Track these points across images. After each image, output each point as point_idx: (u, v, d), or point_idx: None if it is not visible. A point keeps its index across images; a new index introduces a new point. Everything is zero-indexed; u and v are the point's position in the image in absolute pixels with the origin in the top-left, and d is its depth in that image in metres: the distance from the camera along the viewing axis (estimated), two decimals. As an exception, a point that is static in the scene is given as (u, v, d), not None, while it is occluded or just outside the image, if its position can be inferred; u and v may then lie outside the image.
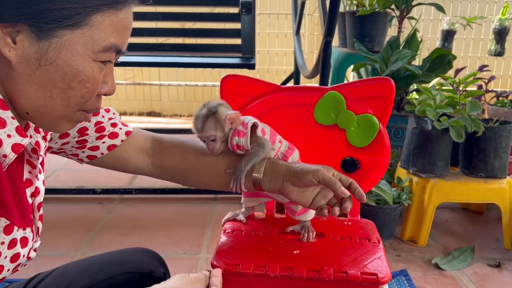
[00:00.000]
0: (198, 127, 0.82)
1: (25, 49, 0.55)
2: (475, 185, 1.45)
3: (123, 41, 0.61)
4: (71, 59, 0.57)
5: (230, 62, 1.82)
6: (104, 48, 0.59)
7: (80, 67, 0.58)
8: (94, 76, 0.60)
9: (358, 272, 0.83)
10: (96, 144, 0.84)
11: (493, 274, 1.34)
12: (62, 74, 0.57)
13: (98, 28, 0.57)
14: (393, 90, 1.00)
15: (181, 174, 0.90)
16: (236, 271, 0.84)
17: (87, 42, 0.57)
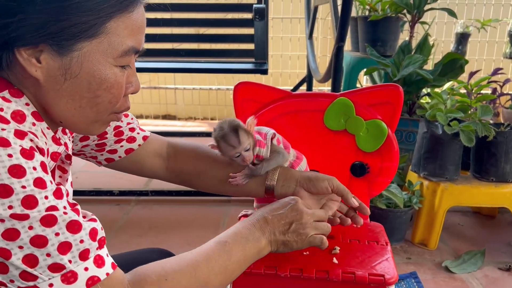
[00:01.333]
0: (235, 143, 0.83)
1: (49, 66, 0.57)
2: (485, 189, 1.46)
3: (139, 40, 0.63)
4: (93, 69, 0.59)
5: (244, 68, 1.86)
6: (123, 53, 0.60)
7: (102, 75, 0.60)
8: (118, 81, 0.62)
9: (365, 273, 0.86)
10: (115, 148, 0.88)
11: (504, 277, 1.35)
12: (87, 85, 0.60)
13: (114, 34, 0.59)
14: (401, 96, 1.02)
15: (194, 178, 0.94)
16: (247, 271, 0.88)
17: (105, 49, 0.59)
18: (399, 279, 1.32)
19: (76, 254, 0.55)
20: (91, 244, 0.57)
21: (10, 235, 0.51)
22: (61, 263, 0.54)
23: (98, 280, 0.57)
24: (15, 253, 0.52)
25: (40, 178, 0.53)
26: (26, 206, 0.52)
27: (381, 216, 1.50)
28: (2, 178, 0.50)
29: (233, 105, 1.10)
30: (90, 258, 0.57)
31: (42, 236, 0.52)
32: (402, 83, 1.83)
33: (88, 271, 0.56)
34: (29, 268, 0.53)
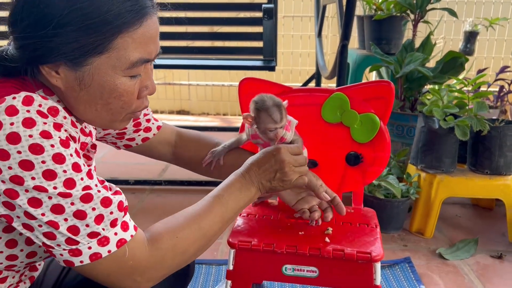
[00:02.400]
0: (277, 118, 0.92)
1: (67, 77, 0.67)
2: (480, 181, 1.53)
3: (149, 50, 0.69)
4: (103, 80, 0.67)
5: (253, 65, 1.95)
6: (131, 65, 0.67)
7: (112, 86, 0.68)
8: (127, 90, 0.69)
9: (354, 251, 0.95)
10: (133, 136, 1.01)
11: (495, 264, 1.43)
12: (99, 94, 0.68)
13: (122, 49, 0.66)
14: (393, 92, 1.11)
15: (195, 164, 1.07)
16: (248, 247, 0.98)
17: (114, 63, 0.66)
18: (394, 263, 1.40)
19: (108, 223, 0.67)
20: (119, 214, 0.69)
21: (57, 209, 0.63)
22: (97, 231, 0.66)
23: (125, 241, 0.69)
24: (61, 224, 0.64)
25: (76, 163, 0.65)
26: (67, 187, 0.63)
27: (379, 205, 1.58)
28: (48, 164, 0.62)
29: (238, 99, 1.20)
30: (118, 225, 0.69)
31: (82, 211, 0.65)
32: (404, 80, 1.91)
33: (117, 235, 0.69)
34: (72, 236, 0.65)
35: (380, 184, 1.57)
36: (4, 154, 0.60)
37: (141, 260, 0.71)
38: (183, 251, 0.76)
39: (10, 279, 0.77)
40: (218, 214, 0.82)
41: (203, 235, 0.79)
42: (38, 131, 0.61)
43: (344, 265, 0.96)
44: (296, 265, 0.98)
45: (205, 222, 0.80)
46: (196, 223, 0.79)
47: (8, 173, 0.60)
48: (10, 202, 0.62)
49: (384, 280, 1.32)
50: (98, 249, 0.67)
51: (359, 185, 1.16)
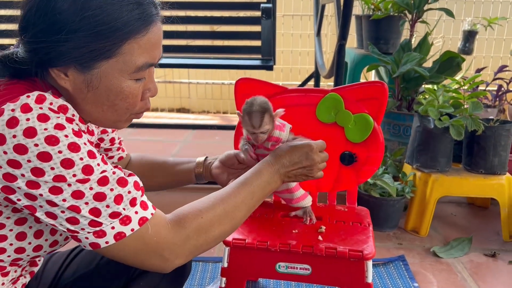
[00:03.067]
0: (256, 124, 0.95)
1: (75, 79, 0.71)
2: (474, 180, 1.55)
3: (154, 55, 0.74)
4: (110, 83, 0.71)
5: (251, 64, 1.97)
6: (137, 69, 0.72)
7: (118, 88, 0.72)
8: (132, 92, 0.74)
9: (346, 249, 0.97)
10: (114, 154, 1.08)
11: (488, 262, 1.45)
12: (106, 96, 0.73)
13: (129, 54, 0.70)
14: (386, 92, 1.13)
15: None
16: (242, 245, 1.00)
17: (121, 67, 0.70)
18: (388, 261, 1.42)
19: (127, 203, 0.70)
20: (136, 193, 0.72)
21: (78, 195, 0.66)
22: (118, 211, 0.69)
23: (146, 219, 0.72)
24: (83, 208, 0.67)
25: (90, 151, 0.68)
26: (85, 173, 0.66)
27: (375, 204, 1.60)
28: (64, 153, 0.65)
29: (235, 100, 1.22)
30: (137, 204, 0.72)
31: (101, 193, 0.68)
32: (401, 80, 1.93)
33: (138, 214, 0.71)
34: (95, 217, 0.68)
35: (375, 183, 1.59)
36: (22, 149, 0.63)
37: (165, 237, 0.73)
38: (207, 230, 0.77)
39: (12, 273, 0.80)
40: (245, 200, 0.85)
41: (228, 218, 0.81)
42: (53, 124, 0.65)
43: (337, 263, 0.98)
44: (289, 262, 1.00)
45: (231, 206, 0.82)
46: (222, 205, 0.81)
47: (28, 166, 0.63)
48: (32, 194, 0.65)
49: (378, 277, 1.34)
50: (122, 228, 0.70)
51: (353, 184, 1.18)
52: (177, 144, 2.71)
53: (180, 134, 2.95)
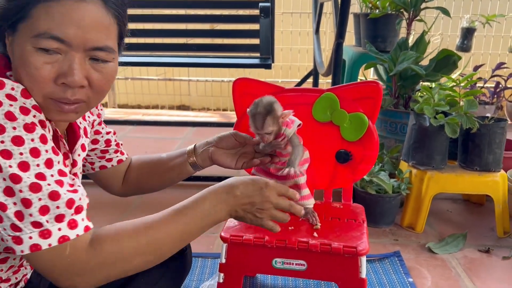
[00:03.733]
0: (258, 126, 0.97)
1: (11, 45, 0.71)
2: (469, 177, 1.58)
3: (66, 30, 0.68)
4: (20, 48, 0.69)
5: (249, 63, 1.99)
6: (37, 33, 0.67)
7: (24, 55, 0.68)
8: (33, 63, 0.68)
9: (340, 245, 1.00)
10: (112, 157, 1.08)
11: (482, 258, 1.47)
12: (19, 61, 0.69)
13: (35, 18, 0.67)
14: (381, 92, 1.15)
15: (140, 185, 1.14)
16: (239, 241, 1.03)
17: (27, 32, 0.68)
18: (384, 257, 1.45)
19: (52, 217, 0.67)
20: (67, 210, 0.68)
21: (8, 192, 0.65)
22: (40, 222, 0.66)
23: (68, 238, 0.69)
24: (10, 207, 0.65)
25: (35, 149, 0.66)
26: (21, 169, 0.65)
27: (371, 201, 1.63)
28: (6, 144, 0.64)
29: (233, 99, 1.24)
30: (64, 221, 0.68)
31: (29, 199, 0.65)
32: (398, 78, 1.95)
33: (61, 231, 0.68)
34: (17, 221, 0.66)
35: (372, 180, 1.61)
36: None
37: (80, 262, 0.70)
38: (125, 260, 0.74)
39: (11, 261, 0.81)
40: (174, 233, 0.78)
41: (151, 250, 0.76)
42: (4, 111, 0.64)
43: (331, 258, 1.01)
44: (285, 258, 1.03)
45: (156, 238, 0.76)
46: (147, 236, 0.75)
47: None
48: None
49: (374, 273, 1.37)
50: (39, 241, 0.67)
51: (348, 182, 1.21)
52: (177, 141, 2.74)
53: (181, 131, 2.97)
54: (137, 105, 3.78)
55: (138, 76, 3.66)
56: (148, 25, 2.47)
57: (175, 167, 1.10)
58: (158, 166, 1.12)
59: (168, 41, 2.27)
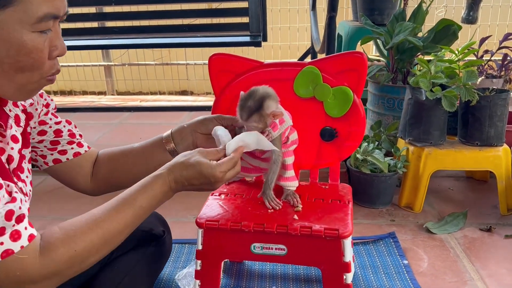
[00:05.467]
0: (243, 118, 0.92)
1: None
2: (469, 153, 1.49)
3: (57, 6, 0.67)
4: (9, 36, 0.63)
5: (238, 41, 1.91)
6: (39, 19, 0.65)
7: (19, 42, 0.64)
8: (36, 47, 0.66)
9: (321, 228, 0.93)
10: (65, 149, 0.96)
11: (483, 237, 1.40)
12: (6, 51, 0.65)
13: (28, 2, 0.63)
14: (366, 63, 1.07)
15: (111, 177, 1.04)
16: (215, 227, 0.97)
17: (21, 17, 0.63)
18: (378, 239, 1.39)
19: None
20: (6, 223, 0.65)
21: None
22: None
23: (12, 252, 0.65)
24: None
25: None
26: None
27: (366, 180, 1.56)
28: None
29: (209, 76, 1.17)
30: (5, 234, 0.65)
31: None
32: (395, 51, 1.85)
33: (3, 245, 0.64)
34: None
35: (366, 159, 1.54)
36: None
37: (31, 272, 0.67)
38: (81, 261, 0.72)
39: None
40: (127, 223, 0.77)
41: (106, 244, 0.74)
42: None
43: (312, 242, 0.94)
44: (264, 243, 0.97)
45: (110, 231, 0.74)
46: (100, 233, 0.73)
47: None
48: None
49: (367, 255, 1.31)
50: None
51: (335, 161, 1.14)
52: (174, 126, 2.68)
53: (178, 116, 2.91)
54: (138, 92, 3.72)
55: (135, 62, 3.59)
56: (142, 7, 2.39)
57: (152, 156, 1.01)
58: (130, 157, 1.02)
59: (161, 22, 2.20)
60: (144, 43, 2.22)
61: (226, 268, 1.25)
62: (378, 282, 1.18)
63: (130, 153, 1.02)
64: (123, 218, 0.76)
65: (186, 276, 1.13)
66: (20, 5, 0.63)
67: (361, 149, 1.58)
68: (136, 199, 0.78)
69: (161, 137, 1.02)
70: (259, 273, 1.23)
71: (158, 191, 0.80)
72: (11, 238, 0.65)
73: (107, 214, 0.75)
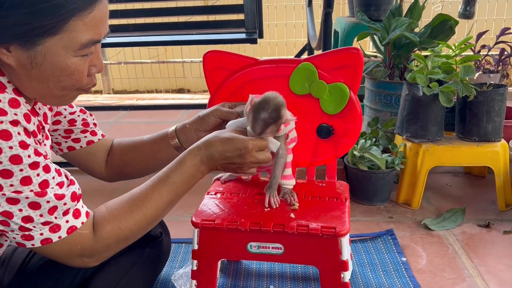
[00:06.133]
0: (257, 130, 0.90)
1: (18, 56, 0.69)
2: (467, 149, 1.48)
3: (99, 32, 0.73)
4: (55, 60, 0.70)
5: (234, 38, 1.90)
6: (81, 46, 0.71)
7: (63, 65, 0.71)
8: (78, 69, 0.73)
9: (318, 226, 0.92)
10: (79, 137, 1.02)
11: (481, 233, 1.39)
12: (51, 72, 0.71)
13: (74, 31, 0.69)
14: (362, 59, 1.06)
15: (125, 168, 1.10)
16: (211, 226, 0.96)
17: (66, 44, 0.70)
18: (376, 236, 1.38)
19: (60, 213, 0.73)
20: (71, 204, 0.75)
21: (13, 201, 0.69)
22: (50, 220, 0.72)
23: (76, 228, 0.75)
24: (16, 214, 0.70)
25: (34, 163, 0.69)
26: (23, 184, 0.68)
27: (364, 177, 1.55)
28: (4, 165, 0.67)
29: (204, 74, 1.16)
30: (70, 213, 0.75)
31: (37, 203, 0.70)
32: (392, 47, 1.84)
33: (69, 223, 0.75)
34: (25, 224, 0.71)
35: (363, 155, 1.53)
36: None
37: (87, 246, 0.77)
38: (127, 238, 0.82)
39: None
40: (166, 200, 0.84)
41: (149, 222, 0.83)
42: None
43: (309, 241, 0.93)
44: (261, 242, 0.96)
45: (152, 210, 0.82)
46: (141, 211, 0.81)
47: None
48: None
49: (366, 253, 1.30)
50: (49, 235, 0.73)
51: (331, 158, 1.12)
52: (170, 125, 2.66)
53: (174, 114, 2.90)
54: (135, 90, 3.70)
55: (131, 60, 3.57)
56: (137, 5, 2.37)
57: (159, 151, 1.05)
58: (139, 151, 1.07)
59: (157, 20, 2.19)
60: (139, 41, 2.20)
61: (223, 267, 1.24)
62: (376, 280, 1.18)
63: (139, 146, 1.07)
64: (159, 195, 0.82)
65: (182, 276, 1.12)
66: (67, 33, 0.69)
67: (358, 145, 1.57)
68: (169, 175, 0.84)
69: (166, 132, 1.05)
70: (257, 272, 1.22)
71: (189, 165, 0.85)
72: (74, 216, 0.75)
73: (144, 192, 0.82)
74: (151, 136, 1.07)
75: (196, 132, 1.03)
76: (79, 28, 0.69)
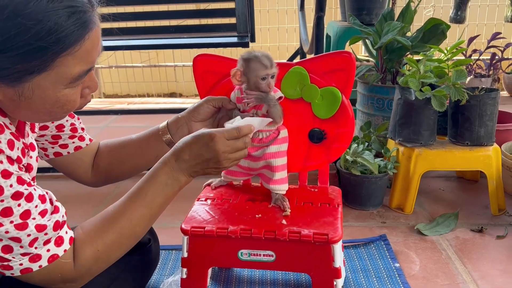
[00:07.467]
0: (268, 64, 0.94)
1: (5, 91, 0.65)
2: (459, 153, 1.47)
3: (92, 60, 0.69)
4: (44, 94, 0.66)
5: (225, 41, 1.88)
6: (73, 79, 0.67)
7: (54, 99, 0.68)
8: (69, 99, 0.70)
9: (310, 232, 0.91)
10: (67, 143, 0.97)
11: (474, 238, 1.38)
12: (42, 104, 0.68)
13: (63, 67, 0.65)
14: (354, 63, 1.05)
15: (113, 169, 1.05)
16: (201, 233, 0.94)
17: (55, 79, 0.66)
18: (369, 241, 1.36)
19: (41, 243, 0.70)
20: (53, 233, 0.71)
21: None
22: (30, 252, 0.69)
23: (57, 256, 0.72)
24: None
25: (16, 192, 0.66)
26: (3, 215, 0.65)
27: (356, 182, 1.53)
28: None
29: (194, 78, 1.14)
30: (51, 242, 0.72)
31: (17, 237, 0.67)
32: (384, 51, 1.83)
33: (50, 252, 0.71)
34: (5, 255, 0.68)
35: (356, 160, 1.51)
36: None
37: (68, 273, 0.75)
38: (107, 258, 0.79)
39: None
40: (142, 214, 0.80)
41: (127, 238, 0.80)
42: None
43: (301, 248, 0.92)
44: (252, 249, 0.94)
45: (127, 226, 0.78)
46: (117, 229, 0.78)
47: None
48: None
49: (359, 259, 1.28)
50: (29, 265, 0.70)
51: (323, 163, 1.11)
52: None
53: (165, 118, 2.87)
54: (126, 95, 3.67)
55: (123, 64, 3.54)
56: (128, 9, 2.35)
57: (148, 148, 1.02)
58: (127, 149, 1.04)
59: (148, 24, 2.17)
60: (131, 45, 2.18)
61: (214, 274, 1.22)
62: (369, 286, 1.16)
63: (127, 145, 1.03)
64: (132, 209, 0.78)
65: (172, 285, 1.09)
66: (55, 69, 0.64)
67: (350, 150, 1.56)
68: (141, 187, 0.80)
69: (157, 128, 1.02)
70: (248, 279, 1.20)
71: (160, 173, 0.81)
72: (56, 244, 0.72)
73: (117, 209, 0.79)
74: (140, 134, 1.04)
75: (188, 122, 1.00)
76: (69, 63, 0.65)
